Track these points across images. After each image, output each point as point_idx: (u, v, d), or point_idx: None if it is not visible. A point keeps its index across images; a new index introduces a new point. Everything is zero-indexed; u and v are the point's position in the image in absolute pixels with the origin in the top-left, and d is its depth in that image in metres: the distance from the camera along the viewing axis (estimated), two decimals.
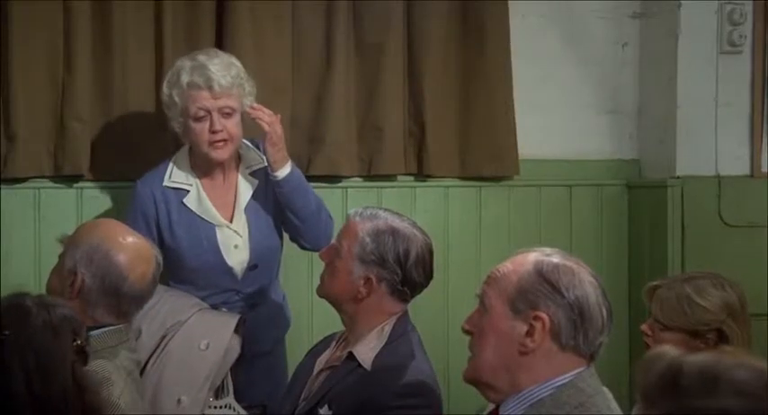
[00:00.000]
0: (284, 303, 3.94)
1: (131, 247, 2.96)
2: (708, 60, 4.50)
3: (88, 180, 4.07)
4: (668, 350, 1.74)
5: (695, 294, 3.11)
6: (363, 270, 2.98)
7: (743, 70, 4.55)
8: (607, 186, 4.63)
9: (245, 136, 3.77)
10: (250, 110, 3.73)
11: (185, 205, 3.74)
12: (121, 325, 2.93)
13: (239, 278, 3.75)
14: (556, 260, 2.31)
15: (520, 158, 4.46)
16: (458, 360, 2.51)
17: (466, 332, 2.37)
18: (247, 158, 3.82)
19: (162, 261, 3.05)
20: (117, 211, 3.97)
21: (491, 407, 2.39)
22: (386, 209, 3.12)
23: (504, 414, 2.30)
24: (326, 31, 4.27)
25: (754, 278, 4.28)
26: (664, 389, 1.69)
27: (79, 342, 2.36)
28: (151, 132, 4.05)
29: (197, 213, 3.74)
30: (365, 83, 4.33)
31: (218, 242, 3.72)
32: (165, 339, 3.48)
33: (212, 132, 3.67)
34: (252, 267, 3.75)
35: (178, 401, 3.38)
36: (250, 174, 3.80)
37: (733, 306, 3.12)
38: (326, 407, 2.91)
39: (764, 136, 4.58)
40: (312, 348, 3.23)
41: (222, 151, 3.70)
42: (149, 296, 3.00)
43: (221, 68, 3.68)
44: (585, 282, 2.29)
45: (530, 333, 2.27)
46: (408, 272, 2.98)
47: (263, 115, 3.73)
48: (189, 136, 3.73)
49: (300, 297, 4.10)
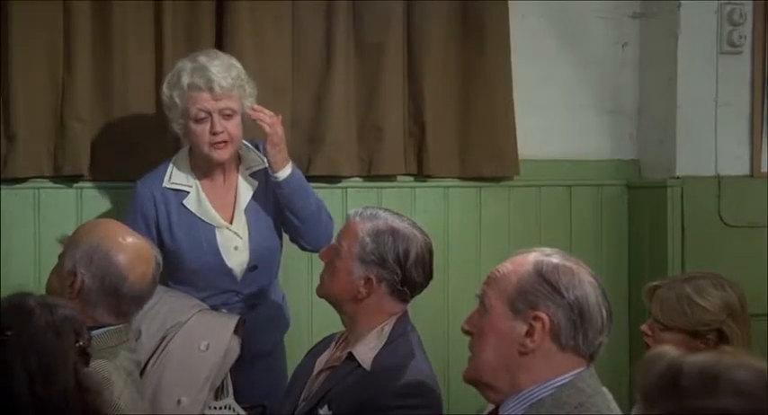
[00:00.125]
0: (283, 303, 3.93)
1: (131, 247, 2.96)
2: (708, 60, 4.50)
3: (88, 180, 4.07)
4: (668, 350, 1.74)
5: (695, 294, 3.11)
6: (363, 270, 2.97)
7: (743, 70, 4.55)
8: (607, 186, 4.63)
9: (245, 137, 3.77)
10: (251, 111, 3.73)
11: (185, 206, 3.73)
12: (121, 325, 2.92)
13: (239, 280, 3.74)
14: (556, 260, 2.31)
15: (520, 158, 4.47)
16: (458, 360, 2.51)
17: (466, 333, 2.37)
18: (247, 159, 3.81)
19: (162, 262, 3.05)
20: (117, 211, 3.97)
21: (491, 407, 2.39)
22: (386, 209, 3.11)
23: (504, 414, 2.30)
24: (326, 31, 4.27)
25: (754, 278, 4.29)
26: (664, 389, 1.69)
27: (81, 343, 2.36)
28: (151, 132, 4.05)
29: (197, 214, 3.73)
30: (365, 83, 4.33)
31: (218, 243, 3.72)
32: (165, 340, 3.48)
33: (213, 133, 3.67)
34: (252, 268, 3.74)
35: (178, 402, 3.38)
36: (250, 175, 3.80)
37: (733, 306, 3.12)
38: (326, 407, 2.91)
39: (764, 136, 4.58)
40: (312, 348, 3.23)
41: (223, 152, 3.70)
42: (149, 297, 3.00)
43: (222, 70, 3.68)
44: (585, 282, 2.29)
45: (529, 333, 2.27)
46: (408, 272, 2.98)
47: (264, 116, 3.72)
48: (189, 138, 3.73)
49: (300, 297, 4.10)
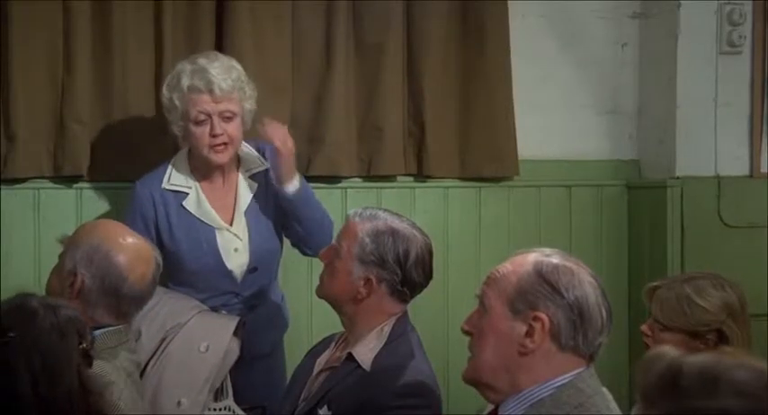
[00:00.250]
0: (283, 303, 3.93)
1: (131, 248, 2.96)
2: (707, 60, 4.50)
3: (88, 180, 4.07)
4: (668, 351, 1.74)
5: (695, 294, 3.11)
6: (363, 271, 2.97)
7: (742, 70, 4.55)
8: (607, 186, 4.63)
9: (245, 138, 3.77)
10: (261, 127, 3.71)
11: (184, 207, 3.73)
12: (121, 326, 2.92)
13: (239, 281, 3.74)
14: (555, 260, 2.31)
15: (519, 158, 4.47)
16: (458, 360, 2.51)
17: (465, 333, 2.37)
18: (247, 161, 3.81)
19: (161, 262, 3.05)
20: (116, 212, 3.96)
21: (490, 407, 2.39)
22: (385, 210, 3.11)
23: (504, 414, 2.30)
24: (326, 31, 4.27)
25: (754, 279, 4.28)
26: (664, 389, 1.69)
27: (84, 345, 2.36)
28: (151, 133, 4.05)
29: (196, 216, 3.73)
30: (365, 83, 4.33)
31: (218, 245, 3.71)
32: (165, 342, 3.47)
33: (213, 136, 3.66)
34: (251, 270, 3.74)
35: (178, 404, 3.38)
36: (250, 177, 3.79)
37: (733, 307, 3.12)
38: (326, 407, 2.91)
39: (764, 136, 4.58)
40: (311, 348, 3.23)
41: (222, 154, 3.69)
42: (149, 297, 3.00)
43: (222, 72, 3.67)
44: (585, 282, 2.29)
45: (529, 334, 2.27)
46: (408, 273, 2.98)
47: (274, 131, 3.71)
48: (189, 140, 3.72)
49: (300, 298, 4.10)
